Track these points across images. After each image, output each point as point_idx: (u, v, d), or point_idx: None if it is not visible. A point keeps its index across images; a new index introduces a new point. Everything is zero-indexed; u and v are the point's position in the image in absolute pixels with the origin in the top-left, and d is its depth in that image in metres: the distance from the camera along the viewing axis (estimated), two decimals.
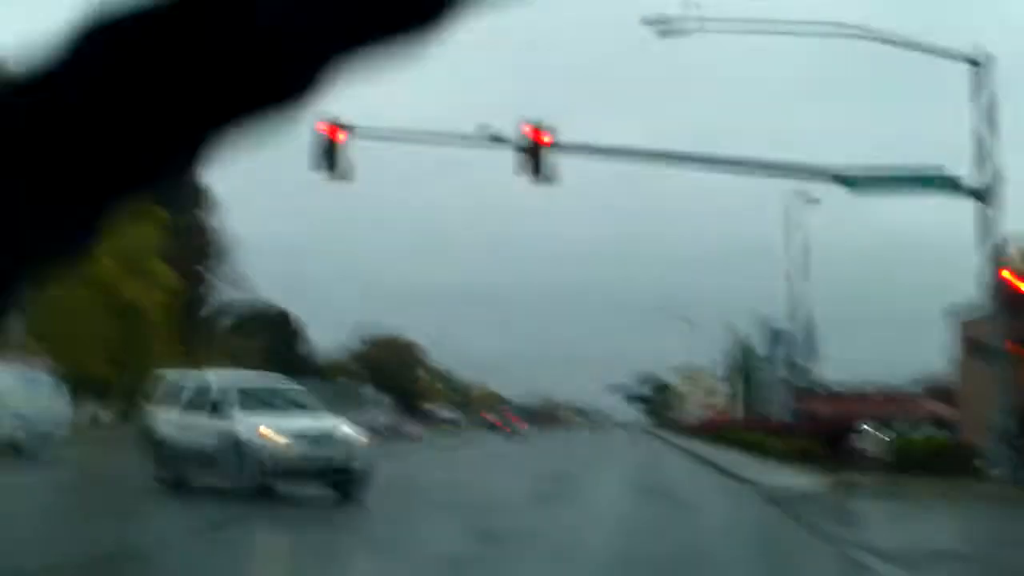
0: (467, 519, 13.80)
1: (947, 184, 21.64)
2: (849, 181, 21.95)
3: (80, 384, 53.16)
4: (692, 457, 37.53)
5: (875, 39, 23.18)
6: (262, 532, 12.50)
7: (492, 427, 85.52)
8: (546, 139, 22.47)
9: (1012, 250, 49.72)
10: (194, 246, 61.42)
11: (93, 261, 52.29)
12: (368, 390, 74.68)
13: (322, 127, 22.79)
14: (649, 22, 22.21)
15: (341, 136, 22.81)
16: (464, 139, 24.66)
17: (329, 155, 22.78)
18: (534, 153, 22.38)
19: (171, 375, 18.51)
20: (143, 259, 55.67)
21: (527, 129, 22.45)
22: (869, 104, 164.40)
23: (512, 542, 11.23)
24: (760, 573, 10.24)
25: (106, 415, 61.90)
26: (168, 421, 16.47)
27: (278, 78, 0.67)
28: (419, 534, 12.10)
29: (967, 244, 22.11)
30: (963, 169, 21.91)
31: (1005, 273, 22.46)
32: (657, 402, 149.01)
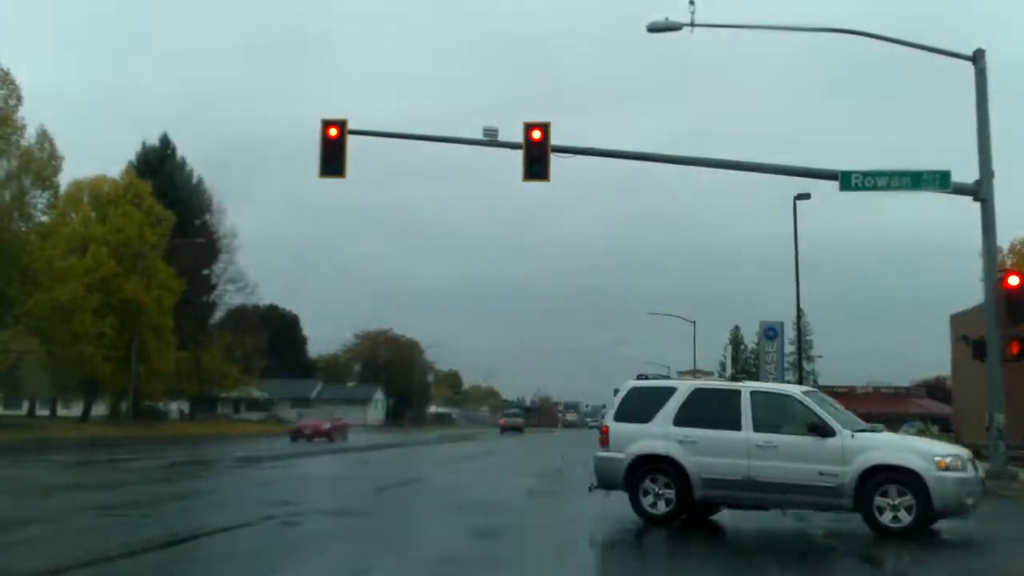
0: None
1: (938, 181, 21.77)
2: (844, 178, 22.10)
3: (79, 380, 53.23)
4: None
5: (875, 39, 23.34)
6: None
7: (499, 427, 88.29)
8: (548, 140, 22.61)
9: (1007, 247, 49.50)
10: (195, 245, 61.40)
11: (94, 259, 52.37)
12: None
13: (327, 128, 22.97)
14: (652, 25, 22.35)
15: (345, 137, 22.97)
16: (466, 140, 24.79)
17: (333, 155, 22.95)
18: (536, 154, 22.53)
19: (636, 384, 13.98)
20: (144, 257, 55.70)
21: (529, 130, 22.60)
22: (869, 104, 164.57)
23: None
24: (756, 569, 10.41)
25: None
26: (689, 443, 12.88)
27: None
28: None
29: (966, 245, 22.30)
30: (962, 168, 22.11)
31: (1000, 269, 22.61)
32: None
